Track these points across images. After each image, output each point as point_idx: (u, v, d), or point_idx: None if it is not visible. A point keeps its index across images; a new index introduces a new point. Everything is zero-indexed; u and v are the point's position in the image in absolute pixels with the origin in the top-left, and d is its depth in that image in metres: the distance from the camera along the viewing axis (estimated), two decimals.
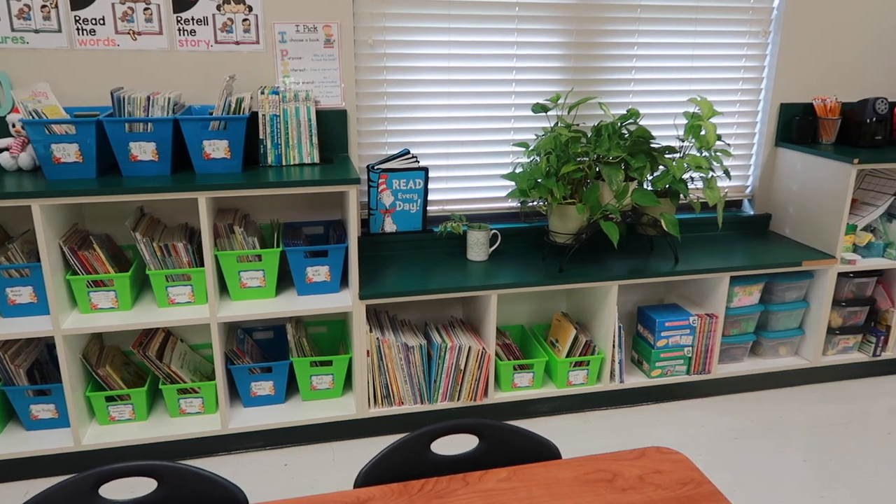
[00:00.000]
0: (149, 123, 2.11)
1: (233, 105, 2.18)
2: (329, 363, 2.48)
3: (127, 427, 2.35)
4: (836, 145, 2.91)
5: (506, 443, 1.26)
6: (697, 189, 2.91)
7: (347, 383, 2.60)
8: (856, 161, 2.61)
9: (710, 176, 2.52)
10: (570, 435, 2.55)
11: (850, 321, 2.89)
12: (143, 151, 2.14)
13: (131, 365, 2.51)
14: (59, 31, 2.27)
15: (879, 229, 2.90)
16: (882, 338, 2.90)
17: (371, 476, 1.18)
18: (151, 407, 2.46)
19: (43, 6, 2.24)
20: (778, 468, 2.36)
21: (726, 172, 2.60)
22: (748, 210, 3.15)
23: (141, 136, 2.12)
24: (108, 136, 2.10)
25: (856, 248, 2.86)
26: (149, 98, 2.13)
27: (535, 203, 2.62)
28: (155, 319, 2.21)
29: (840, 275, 2.79)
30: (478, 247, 2.64)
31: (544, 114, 2.64)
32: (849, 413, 2.71)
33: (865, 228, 2.89)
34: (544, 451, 1.26)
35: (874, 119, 2.82)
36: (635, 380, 2.70)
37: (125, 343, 2.54)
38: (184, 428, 2.35)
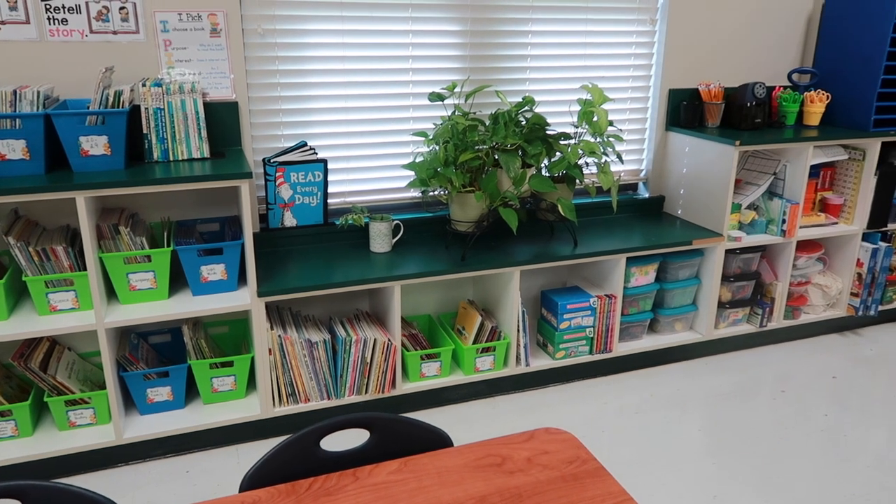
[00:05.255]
0: (16, 119, 1.96)
1: (111, 98, 2.07)
2: (230, 364, 2.40)
3: (10, 445, 2.20)
4: (720, 128, 3.05)
5: (397, 434, 1.25)
6: (592, 174, 2.99)
7: (251, 383, 2.53)
8: (738, 143, 2.75)
9: (603, 161, 2.59)
10: (478, 420, 2.58)
11: (739, 295, 3.05)
12: (12, 149, 1.99)
13: (13, 378, 2.35)
14: None
15: (762, 207, 3.07)
16: (767, 309, 3.07)
17: (257, 478, 1.15)
18: (37, 422, 2.31)
19: None
20: (675, 438, 2.47)
21: (619, 157, 2.68)
22: (643, 193, 3.26)
23: (8, 132, 1.97)
24: None
25: (741, 226, 3.01)
26: (15, 92, 1.98)
27: (435, 192, 2.62)
28: (35, 329, 2.08)
29: (728, 251, 2.94)
30: (380, 238, 2.61)
31: (441, 102, 2.64)
32: (740, 382, 2.87)
33: (749, 207, 3.06)
34: (436, 440, 1.26)
35: (754, 103, 2.98)
36: (541, 362, 2.76)
37: (4, 355, 2.37)
38: (74, 441, 2.23)
